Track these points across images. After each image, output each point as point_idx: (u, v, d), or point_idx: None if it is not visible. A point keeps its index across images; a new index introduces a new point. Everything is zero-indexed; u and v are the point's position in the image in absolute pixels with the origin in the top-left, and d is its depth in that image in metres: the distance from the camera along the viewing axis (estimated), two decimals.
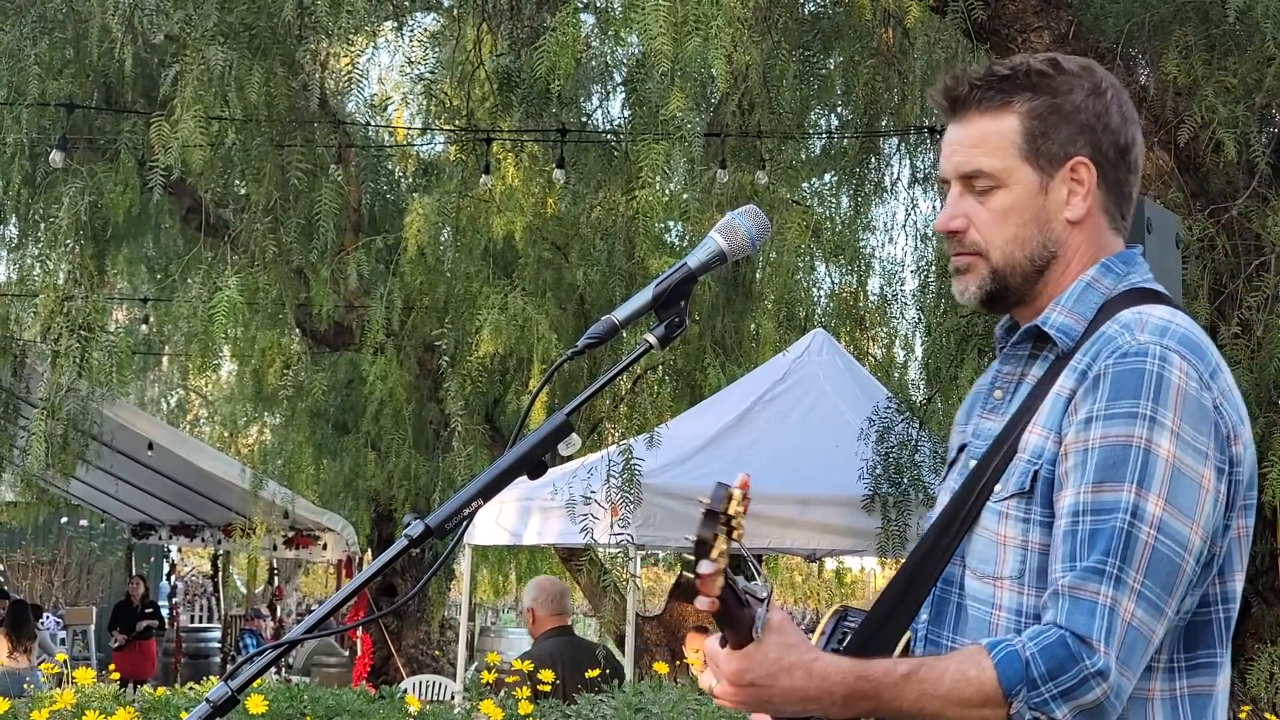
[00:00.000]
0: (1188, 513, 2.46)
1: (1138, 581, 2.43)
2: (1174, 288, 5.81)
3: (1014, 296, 2.73)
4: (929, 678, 2.45)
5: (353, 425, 16.05)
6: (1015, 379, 2.74)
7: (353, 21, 9.55)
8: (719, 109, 11.10)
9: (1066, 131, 2.68)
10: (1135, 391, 2.48)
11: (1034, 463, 2.57)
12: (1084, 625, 2.41)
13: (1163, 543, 2.44)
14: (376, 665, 16.85)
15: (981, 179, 2.69)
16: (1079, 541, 2.47)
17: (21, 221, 13.44)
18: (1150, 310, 2.60)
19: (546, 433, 2.56)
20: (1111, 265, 2.71)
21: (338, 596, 2.55)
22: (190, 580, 32.25)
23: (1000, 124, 2.69)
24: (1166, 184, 7.67)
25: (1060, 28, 7.81)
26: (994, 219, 2.69)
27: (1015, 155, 2.67)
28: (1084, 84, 2.71)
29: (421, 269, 12.72)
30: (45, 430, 11.97)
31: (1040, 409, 2.60)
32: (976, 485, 2.65)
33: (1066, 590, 2.45)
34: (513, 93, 11.17)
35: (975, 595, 2.63)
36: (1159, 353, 2.51)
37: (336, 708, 6.43)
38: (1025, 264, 2.69)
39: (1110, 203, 2.73)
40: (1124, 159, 2.73)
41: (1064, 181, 2.68)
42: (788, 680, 2.44)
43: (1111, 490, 2.46)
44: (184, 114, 9.27)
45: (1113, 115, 2.72)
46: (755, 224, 2.70)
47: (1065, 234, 2.69)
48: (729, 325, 13.49)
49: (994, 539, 2.61)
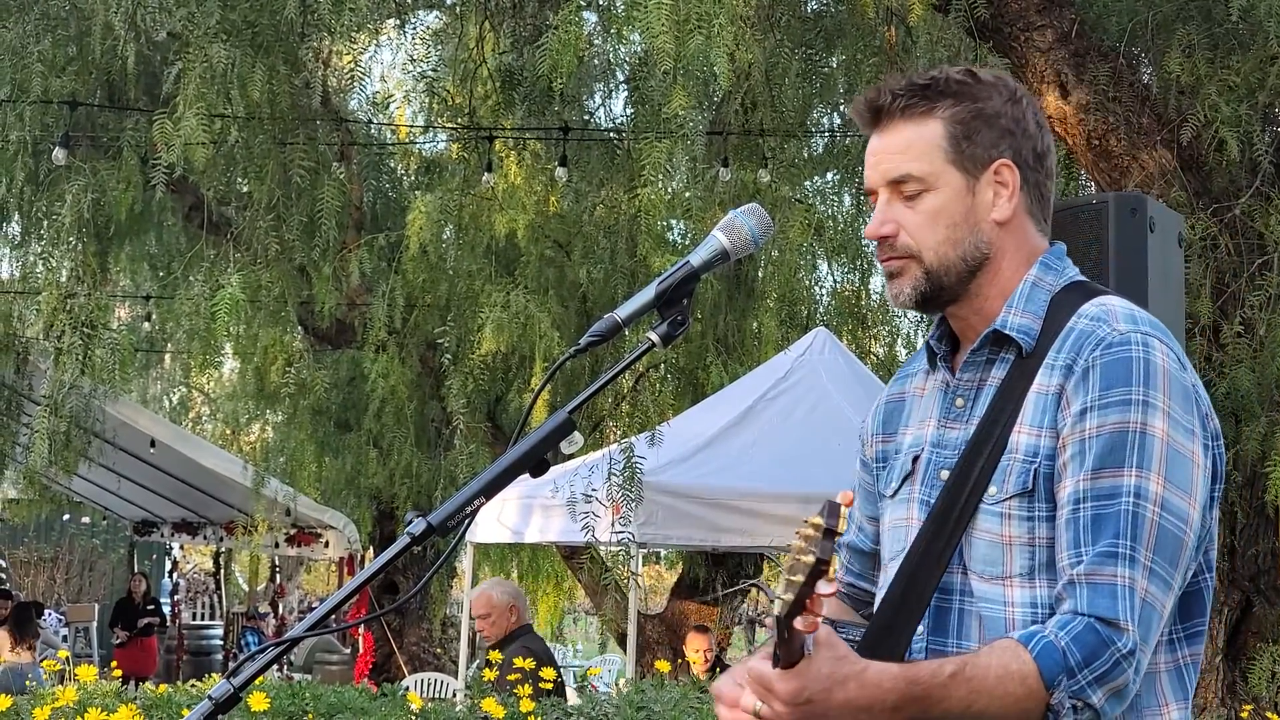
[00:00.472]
0: (1185, 489, 2.54)
1: (1149, 559, 2.49)
2: (1176, 286, 5.81)
3: (947, 295, 2.76)
4: (975, 675, 2.46)
5: (355, 423, 16.04)
6: (976, 385, 2.76)
7: (355, 19, 9.54)
8: (721, 107, 11.11)
9: (989, 135, 2.73)
10: (1126, 379, 2.55)
11: (1032, 461, 2.61)
12: (1108, 609, 2.46)
13: (1167, 519, 2.51)
14: (378, 663, 16.86)
15: (910, 183, 2.72)
16: (1082, 528, 2.52)
17: (24, 219, 13.44)
18: (1107, 301, 2.70)
19: (548, 431, 2.56)
20: (1050, 263, 2.79)
21: (340, 594, 2.55)
22: (192, 578, 32.25)
23: (924, 129, 2.73)
24: (1169, 183, 7.67)
25: (1063, 26, 7.81)
26: (924, 222, 2.72)
27: (941, 159, 2.72)
28: (1001, 91, 2.77)
29: (424, 267, 12.72)
30: (48, 427, 11.97)
31: (1024, 409, 2.64)
32: (963, 491, 2.67)
33: (1083, 578, 2.49)
34: (515, 91, 11.18)
35: (985, 597, 2.65)
36: (1141, 339, 2.59)
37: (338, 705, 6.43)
38: (959, 264, 2.73)
39: (1033, 205, 2.80)
40: (1041, 164, 2.80)
41: (989, 184, 2.73)
42: (842, 693, 2.43)
43: (1112, 475, 2.52)
44: (186, 111, 9.27)
45: (1029, 122, 2.78)
46: (758, 222, 2.72)
47: (994, 235, 2.74)
48: (731, 324, 13.49)
49: (997, 540, 2.63)
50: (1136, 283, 5.43)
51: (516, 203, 12.62)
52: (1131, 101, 7.82)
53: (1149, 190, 7.38)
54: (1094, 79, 7.74)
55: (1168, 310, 5.63)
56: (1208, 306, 7.58)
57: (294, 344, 15.98)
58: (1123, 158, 7.76)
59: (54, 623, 23.12)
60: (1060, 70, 7.78)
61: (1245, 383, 7.48)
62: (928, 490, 2.76)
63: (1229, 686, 7.85)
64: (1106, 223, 5.49)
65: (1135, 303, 5.52)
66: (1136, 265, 5.46)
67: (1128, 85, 7.85)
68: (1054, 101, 7.77)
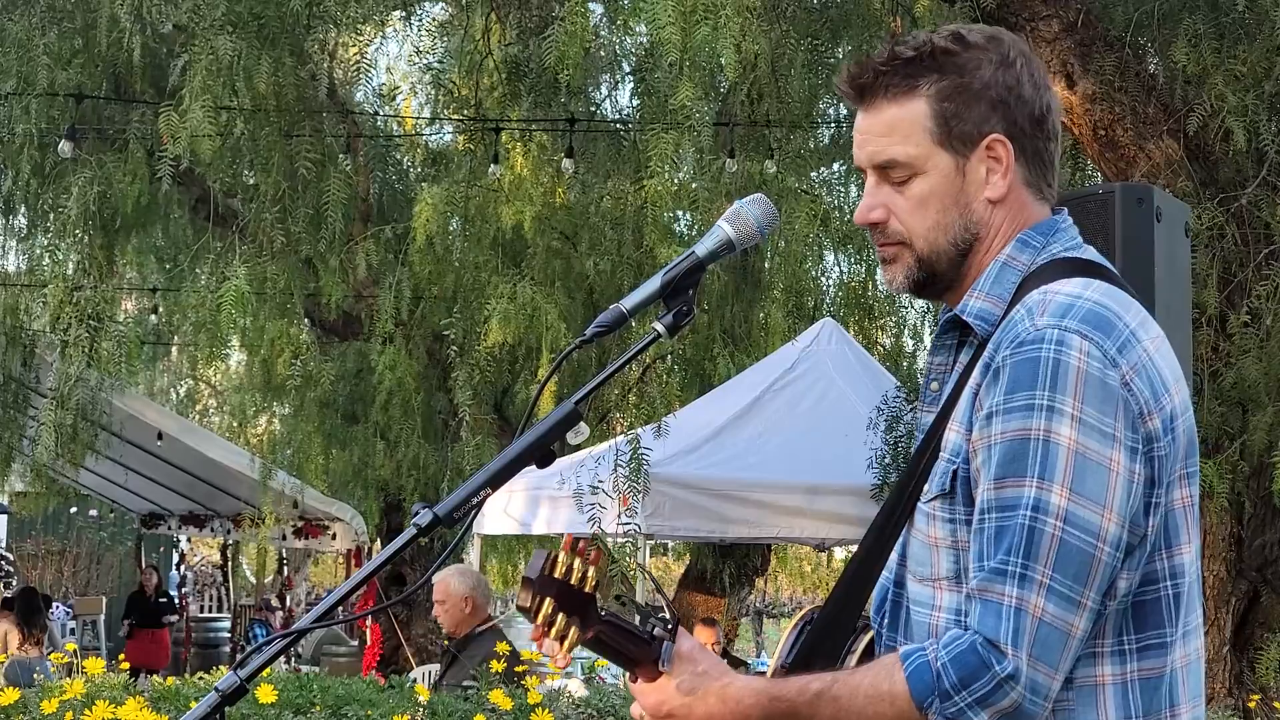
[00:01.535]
0: (1097, 500, 2.38)
1: (1046, 575, 2.36)
2: (1183, 276, 5.80)
3: (943, 282, 2.66)
4: (842, 694, 2.41)
5: (362, 415, 16.05)
6: (947, 369, 2.70)
7: (361, 11, 9.57)
8: (728, 98, 11.10)
9: (978, 110, 2.59)
10: (1031, 382, 2.40)
11: (953, 462, 2.51)
12: (992, 629, 2.36)
13: (1070, 534, 2.37)
14: (386, 655, 16.86)
15: (897, 168, 2.62)
16: (985, 540, 2.41)
17: (31, 212, 13.46)
18: (1058, 287, 2.52)
19: (555, 421, 2.55)
20: (1029, 239, 2.64)
21: (347, 586, 2.55)
22: (200, 570, 32.28)
23: (909, 109, 2.61)
24: (1176, 173, 7.66)
25: (1069, 15, 7.80)
26: (913, 207, 2.62)
27: (928, 140, 2.60)
28: (991, 57, 2.61)
29: (430, 259, 12.72)
30: (55, 420, 12.00)
31: (958, 405, 2.54)
32: (909, 484, 2.61)
33: (976, 593, 2.40)
34: (521, 82, 11.19)
35: (917, 599, 2.59)
36: (1055, 336, 2.42)
37: (346, 697, 6.43)
38: (949, 249, 2.62)
39: (1032, 174, 2.65)
40: (1040, 128, 2.65)
41: (981, 161, 2.61)
42: (703, 707, 2.42)
43: (1013, 486, 2.39)
44: (193, 104, 9.28)
45: (1024, 85, 2.62)
46: (764, 213, 2.69)
47: (986, 213, 2.62)
48: (738, 314, 13.49)
49: (926, 541, 2.56)
50: (1143, 273, 5.42)
51: (523, 194, 12.62)
52: (1138, 91, 7.81)
53: (1155, 180, 7.38)
54: (1100, 69, 7.73)
55: (1174, 300, 5.63)
56: (1214, 296, 7.57)
57: (301, 336, 16.01)
58: (1129, 148, 7.75)
59: (62, 615, 23.14)
60: (1066, 60, 7.77)
61: (1252, 372, 7.48)
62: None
63: (1236, 677, 7.85)
64: (1113, 213, 5.48)
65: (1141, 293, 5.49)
66: (1143, 255, 5.45)
67: (1134, 75, 7.85)
68: (1060, 91, 7.76)
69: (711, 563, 14.61)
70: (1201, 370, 7.36)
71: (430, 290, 13.66)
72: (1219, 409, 7.61)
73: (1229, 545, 7.80)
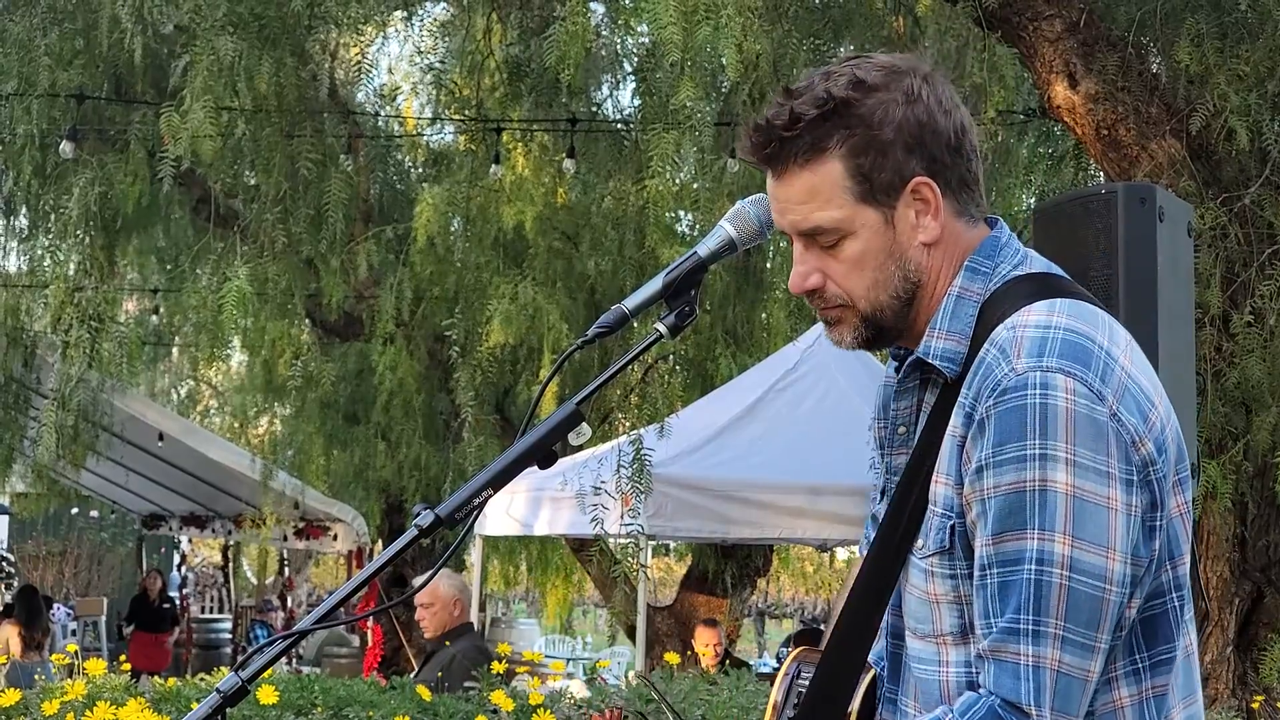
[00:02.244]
0: (1100, 542, 2.34)
1: (1059, 628, 2.33)
2: (1186, 276, 5.79)
3: (892, 334, 2.60)
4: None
5: (363, 416, 16.06)
6: (913, 411, 2.62)
7: (362, 11, 9.56)
8: (729, 98, 11.08)
9: (895, 157, 2.50)
10: (1020, 432, 2.35)
11: (948, 517, 2.46)
12: (1011, 690, 2.33)
13: (1079, 581, 2.33)
14: (387, 656, 16.84)
15: (824, 234, 2.53)
16: (989, 597, 2.38)
17: (32, 212, 13.45)
18: (1025, 319, 2.45)
19: (557, 422, 2.55)
20: (977, 265, 2.57)
21: (348, 587, 2.54)
22: (201, 571, 32.30)
23: (823, 173, 2.51)
24: (1179, 173, 7.65)
25: (1071, 15, 7.79)
26: (849, 269, 2.54)
27: (851, 200, 2.50)
28: (896, 98, 2.50)
29: (431, 259, 12.73)
30: (56, 421, 11.99)
31: (941, 455, 2.48)
32: (895, 535, 2.54)
33: (989, 654, 2.36)
34: (522, 82, 11.18)
35: (919, 656, 2.55)
36: (1038, 380, 2.36)
37: (348, 698, 6.42)
38: (892, 302, 2.55)
39: (960, 202, 2.57)
40: (959, 154, 2.55)
41: (908, 206, 2.52)
42: None
43: (1013, 540, 2.35)
44: (194, 104, 9.27)
45: (936, 117, 2.52)
46: (765, 212, 2.67)
47: (923, 258, 2.55)
48: (740, 315, 13.48)
49: (925, 598, 2.51)
50: (1146, 273, 5.41)
51: (524, 194, 12.62)
52: (1140, 91, 7.80)
53: (1158, 180, 7.37)
54: (1103, 69, 7.72)
55: (1177, 300, 5.62)
56: (1217, 296, 7.56)
57: (302, 337, 16.01)
58: (1132, 147, 7.74)
59: (62, 617, 23.14)
60: (1069, 60, 7.76)
61: (1256, 373, 7.46)
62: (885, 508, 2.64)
63: (1240, 678, 7.84)
64: (1116, 213, 5.47)
65: (1143, 293, 5.46)
66: (1146, 255, 5.44)
67: (1137, 75, 7.83)
68: (1063, 91, 7.76)
69: (713, 563, 14.60)
70: (1205, 370, 7.35)
71: (431, 291, 13.66)
72: (1222, 409, 7.60)
73: (1232, 546, 7.79)
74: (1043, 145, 10.96)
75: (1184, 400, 5.58)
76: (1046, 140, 10.85)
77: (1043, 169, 10.83)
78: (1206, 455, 7.24)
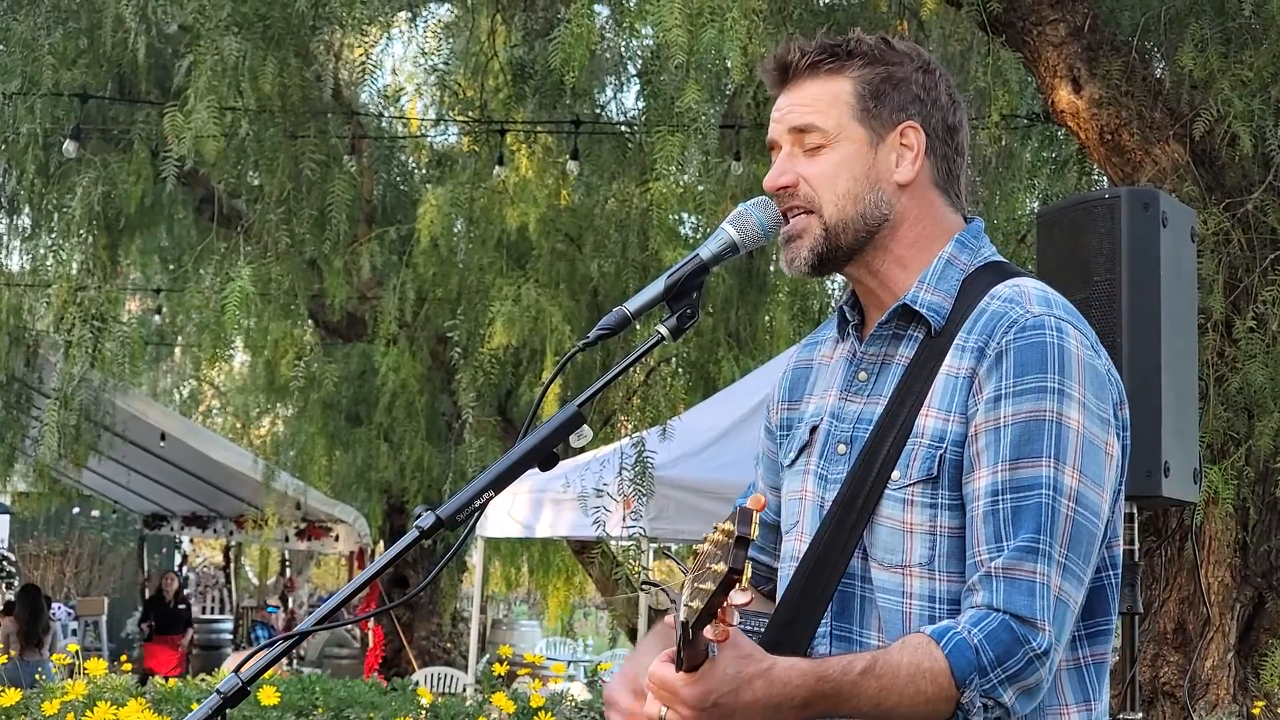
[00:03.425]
0: (1099, 481, 2.49)
1: (1063, 555, 2.44)
2: (1189, 281, 5.79)
3: (842, 256, 2.68)
4: (885, 672, 2.39)
5: (365, 417, 16.07)
6: (880, 360, 2.68)
7: (367, 12, 9.55)
8: (734, 101, 11.09)
9: (897, 98, 2.68)
10: (1041, 365, 2.48)
11: (937, 446, 2.53)
12: (1025, 606, 2.41)
13: (1081, 514, 2.46)
14: (388, 657, 16.87)
15: (813, 133, 2.67)
16: (1002, 521, 2.46)
17: (35, 211, 13.45)
18: (1022, 282, 2.61)
19: (558, 424, 2.55)
20: (965, 241, 2.70)
21: (349, 588, 2.54)
22: (202, 572, 32.31)
23: (833, 86, 2.69)
24: (1182, 177, 7.64)
25: (1076, 20, 7.78)
26: (824, 173, 2.67)
27: (847, 114, 2.67)
28: (914, 60, 2.73)
29: (434, 260, 12.73)
30: (58, 421, 11.97)
31: (931, 391, 2.56)
32: (869, 474, 2.59)
33: (1000, 571, 2.43)
34: (526, 84, 11.18)
35: (883, 586, 2.58)
36: (1055, 324, 2.51)
37: (348, 699, 6.43)
38: (857, 220, 2.65)
39: (940, 177, 2.72)
40: (952, 138, 2.73)
41: (894, 147, 2.67)
42: (749, 693, 2.34)
43: (1030, 466, 2.46)
44: (197, 104, 9.26)
45: (941, 94, 2.72)
46: (768, 215, 2.70)
47: (895, 197, 2.67)
48: (743, 317, 13.48)
49: (899, 527, 2.56)
50: (1149, 278, 5.42)
51: (528, 196, 12.62)
52: (1144, 96, 7.79)
53: (1161, 185, 7.36)
54: (1107, 73, 7.71)
55: (1180, 305, 5.62)
56: (1220, 302, 7.55)
57: (304, 337, 16.03)
58: (1135, 152, 7.73)
59: (63, 616, 23.16)
60: (1073, 65, 7.75)
61: (1258, 378, 7.45)
62: (824, 464, 2.69)
63: (1241, 683, 7.83)
64: (1119, 217, 5.47)
65: (1146, 298, 5.50)
66: (1149, 260, 5.44)
67: (1140, 80, 7.83)
68: (1066, 96, 7.75)
69: None
70: (1207, 375, 7.34)
71: (434, 292, 13.66)
72: (1224, 414, 7.59)
73: (1234, 551, 7.78)
74: (1046, 150, 10.95)
75: (1186, 405, 5.58)
76: (1050, 145, 10.85)
77: (1046, 173, 10.82)
78: (1208, 460, 7.23)
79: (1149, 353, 5.34)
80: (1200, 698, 7.57)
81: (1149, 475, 5.24)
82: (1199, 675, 7.59)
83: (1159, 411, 5.29)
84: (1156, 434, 5.27)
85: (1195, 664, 7.54)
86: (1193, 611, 7.60)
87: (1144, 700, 7.35)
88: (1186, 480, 5.49)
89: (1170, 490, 5.34)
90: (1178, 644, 7.64)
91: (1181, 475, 5.43)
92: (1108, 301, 5.35)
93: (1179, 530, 7.58)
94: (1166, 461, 5.31)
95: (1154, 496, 5.33)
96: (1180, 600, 7.65)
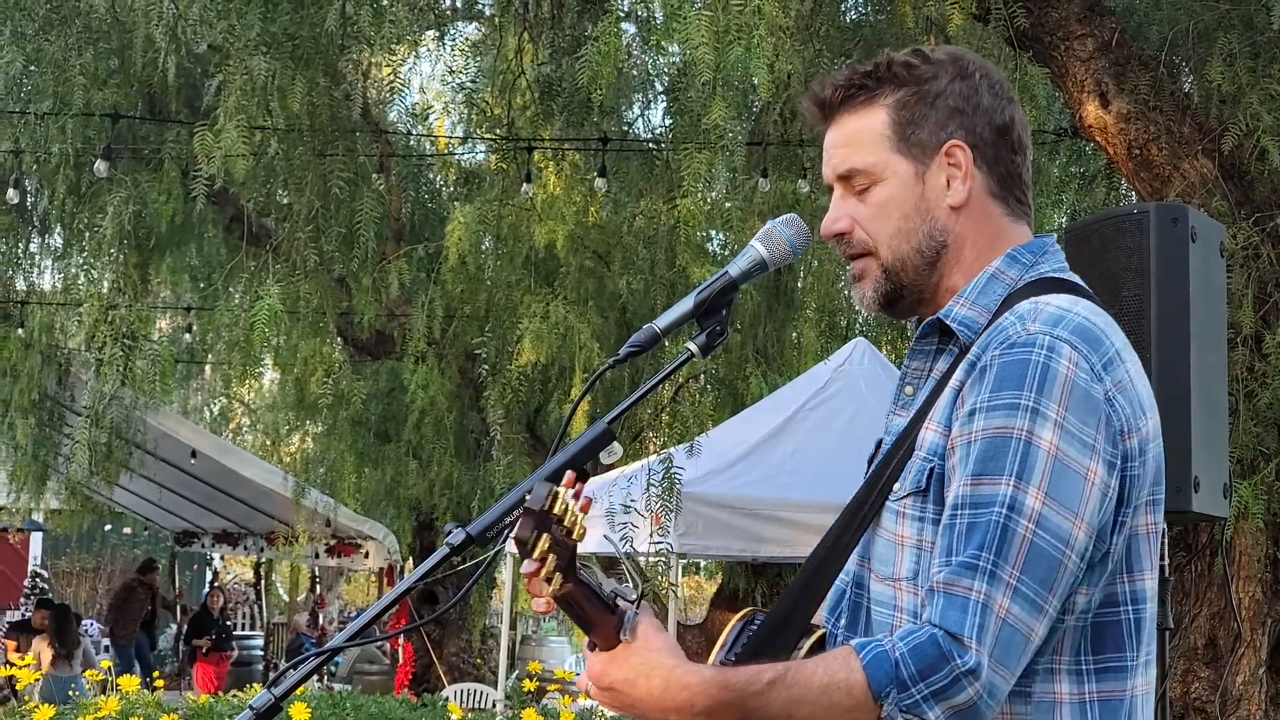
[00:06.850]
0: (1070, 506, 2.37)
1: (1014, 577, 2.34)
2: (1218, 297, 5.77)
3: (911, 295, 2.67)
4: (796, 683, 2.36)
5: (394, 434, 16.09)
6: (924, 374, 2.68)
7: (395, 31, 9.57)
8: (761, 118, 11.10)
9: (935, 117, 2.63)
10: (1019, 382, 2.40)
11: (930, 460, 2.50)
12: (955, 622, 2.32)
13: (1041, 537, 2.35)
14: (418, 673, 16.89)
15: (857, 177, 2.65)
16: (955, 536, 2.39)
17: (66, 230, 13.53)
18: (1049, 299, 2.53)
19: (588, 441, 2.56)
20: (1018, 255, 2.66)
21: (379, 604, 2.55)
22: (233, 588, 32.37)
23: (869, 120, 2.65)
24: (1210, 192, 7.62)
25: (1104, 35, 7.78)
26: (874, 214, 2.64)
27: (887, 148, 2.63)
28: (948, 70, 2.66)
29: (463, 277, 12.74)
30: (89, 438, 12.04)
31: (937, 404, 2.54)
32: (877, 483, 2.61)
33: (940, 586, 2.36)
34: (554, 101, 11.19)
35: (879, 599, 2.57)
36: (1047, 342, 2.42)
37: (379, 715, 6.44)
38: (914, 257, 2.63)
39: (996, 185, 2.67)
40: (1003, 138, 2.67)
41: (941, 168, 2.63)
42: (646, 686, 2.37)
43: (990, 483, 2.38)
44: (227, 124, 9.30)
45: (983, 96, 2.66)
46: (796, 232, 2.71)
47: (950, 221, 2.64)
48: (771, 334, 13.48)
49: (892, 539, 2.54)
50: (1178, 293, 5.40)
51: (555, 213, 12.63)
52: (1172, 111, 7.78)
53: (1190, 200, 7.35)
54: (1135, 88, 7.70)
55: (1209, 320, 5.60)
56: (1250, 316, 7.53)
57: (333, 355, 16.05)
58: (1164, 167, 7.72)
59: (95, 633, 23.21)
60: (1101, 80, 7.74)
61: None
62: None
63: (1272, 698, 7.79)
64: (1148, 232, 5.46)
65: (1175, 313, 5.46)
66: (1178, 275, 5.42)
67: (1168, 94, 7.81)
68: (1095, 111, 7.74)
69: (744, 582, 14.57)
70: (1237, 390, 7.32)
71: (463, 309, 13.68)
72: (1255, 429, 7.57)
73: (1265, 566, 7.75)
74: (1074, 165, 10.94)
75: (1216, 420, 5.56)
76: (1078, 160, 10.84)
77: (1074, 188, 10.82)
78: (1238, 475, 7.20)
79: (1179, 368, 5.32)
80: (1231, 713, 7.53)
81: (1179, 490, 5.22)
82: (1230, 691, 7.56)
83: (1189, 427, 5.27)
84: (1186, 449, 5.24)
85: (1226, 680, 7.51)
86: (1224, 627, 7.57)
87: (1175, 716, 7.34)
88: (1216, 495, 5.47)
89: (1200, 505, 5.31)
90: (1209, 659, 7.60)
91: (1211, 490, 5.40)
92: (1137, 317, 5.34)
93: (1209, 545, 7.55)
94: (1196, 476, 5.28)
95: (1184, 512, 5.31)
96: (1211, 615, 7.61)
